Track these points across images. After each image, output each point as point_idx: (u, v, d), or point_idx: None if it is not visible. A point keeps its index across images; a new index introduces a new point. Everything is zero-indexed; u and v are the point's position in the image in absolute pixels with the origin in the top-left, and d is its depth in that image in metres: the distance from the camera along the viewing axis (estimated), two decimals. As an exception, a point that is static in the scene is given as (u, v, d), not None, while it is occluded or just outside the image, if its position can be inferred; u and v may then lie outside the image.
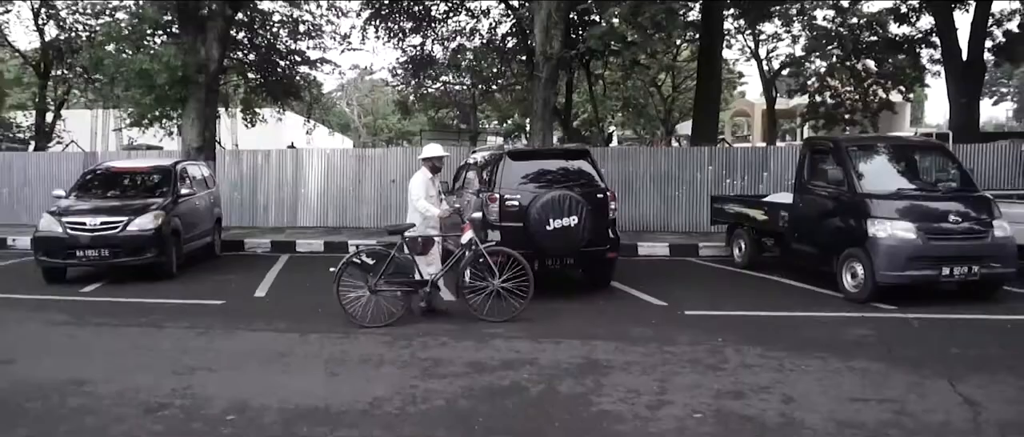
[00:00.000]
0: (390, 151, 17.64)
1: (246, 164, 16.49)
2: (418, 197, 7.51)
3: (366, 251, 7.28)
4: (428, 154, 7.75)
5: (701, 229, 14.75)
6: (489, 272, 7.26)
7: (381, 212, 16.08)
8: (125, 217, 9.69)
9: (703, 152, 15.37)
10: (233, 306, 8.25)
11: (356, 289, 7.13)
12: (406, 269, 7.23)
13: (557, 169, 8.92)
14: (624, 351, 6.24)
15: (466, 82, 26.09)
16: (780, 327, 7.22)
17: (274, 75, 18.30)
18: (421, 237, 7.49)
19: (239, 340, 6.71)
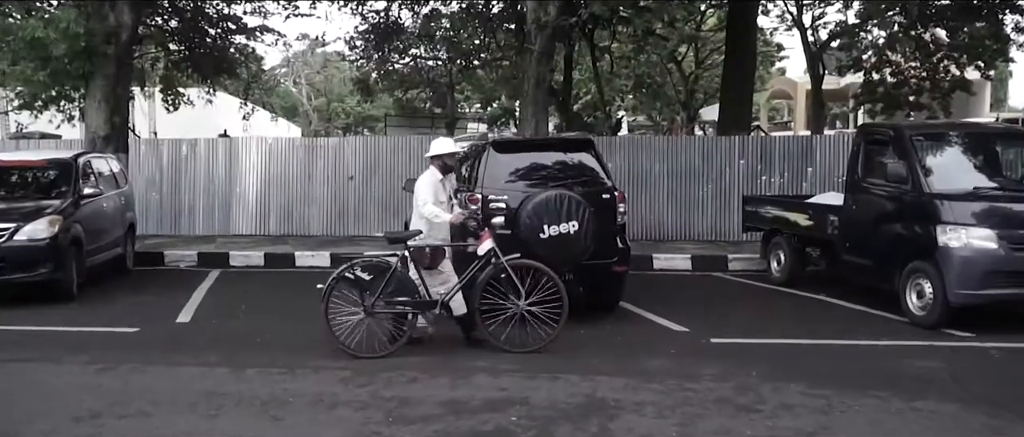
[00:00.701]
0: (347, 141, 17.62)
1: (167, 157, 16.41)
2: (425, 201, 7.49)
3: (361, 264, 7.29)
4: (437, 151, 7.72)
5: (730, 237, 14.80)
6: (513, 291, 7.26)
7: (336, 216, 16.05)
8: (12, 224, 9.60)
9: (733, 142, 15.45)
10: (150, 334, 8.17)
11: (349, 310, 7.15)
12: (410, 287, 7.26)
13: (553, 163, 8.93)
14: (636, 389, 6.23)
15: (441, 57, 26.07)
16: (828, 358, 7.23)
17: (202, 46, 18.20)
18: (429, 247, 7.47)
19: (157, 377, 6.64)
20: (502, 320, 7.28)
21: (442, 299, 7.33)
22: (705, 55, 32.17)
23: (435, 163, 7.73)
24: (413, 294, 7.26)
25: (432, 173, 7.71)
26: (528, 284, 7.28)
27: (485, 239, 7.37)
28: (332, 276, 7.24)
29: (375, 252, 8.04)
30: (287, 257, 13.22)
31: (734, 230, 14.56)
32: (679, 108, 34.56)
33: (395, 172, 15.92)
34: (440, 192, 7.68)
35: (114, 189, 12.04)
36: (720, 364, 6.91)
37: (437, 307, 7.31)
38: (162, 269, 12.87)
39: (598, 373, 6.63)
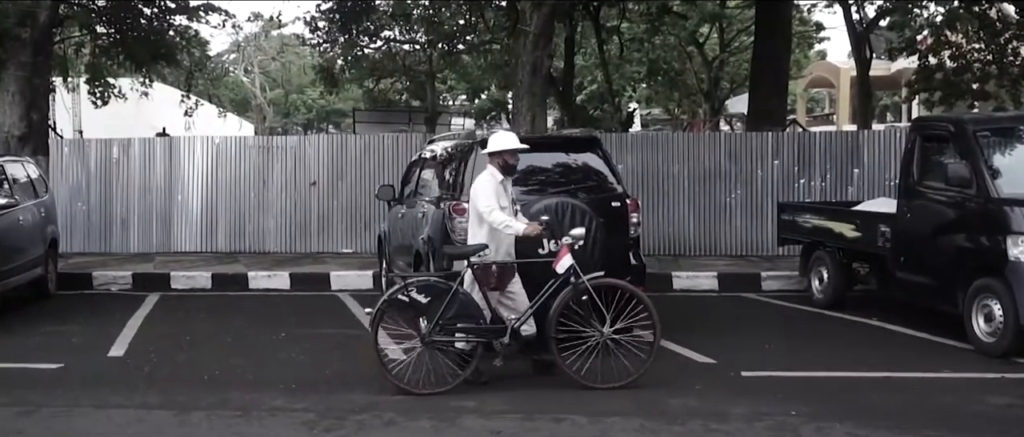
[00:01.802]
0: (309, 140, 17.65)
1: (95, 159, 16.40)
2: (490, 208, 7.42)
3: (417, 284, 7.29)
4: (498, 147, 7.65)
5: (763, 251, 14.85)
6: (595, 315, 7.28)
7: (296, 230, 16.05)
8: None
9: (765, 139, 15.52)
10: (76, 371, 8.13)
11: (403, 339, 7.18)
12: (473, 311, 7.29)
13: (553, 166, 8.96)
14: (654, 431, 6.23)
15: (419, 40, 26.16)
16: (880, 394, 7.24)
17: (136, 29, 18.23)
18: (496, 265, 7.47)
19: (86, 422, 6.62)
20: (582, 350, 7.26)
21: (511, 325, 7.33)
22: (731, 36, 32.30)
23: (494, 161, 7.65)
24: (478, 319, 7.29)
25: (491, 174, 7.63)
26: (612, 307, 7.27)
27: (563, 255, 7.31)
28: (382, 298, 7.24)
29: (419, 275, 7.85)
30: (239, 278, 13.22)
31: (768, 243, 14.60)
32: (701, 99, 34.68)
33: (365, 176, 15.95)
34: (502, 196, 7.60)
35: (31, 199, 12.02)
36: (753, 401, 6.91)
37: (506, 334, 7.32)
38: (90, 293, 12.84)
39: (609, 413, 6.62)
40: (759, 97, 18.31)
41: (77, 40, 19.57)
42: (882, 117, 43.73)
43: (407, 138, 17.03)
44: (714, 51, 32.93)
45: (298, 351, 8.87)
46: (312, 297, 12.35)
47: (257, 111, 52.48)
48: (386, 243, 11.56)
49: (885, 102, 45.00)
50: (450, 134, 12.56)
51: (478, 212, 7.56)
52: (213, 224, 16.24)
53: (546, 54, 14.06)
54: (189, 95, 22.22)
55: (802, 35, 32.53)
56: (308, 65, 38.37)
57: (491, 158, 7.69)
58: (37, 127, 14.35)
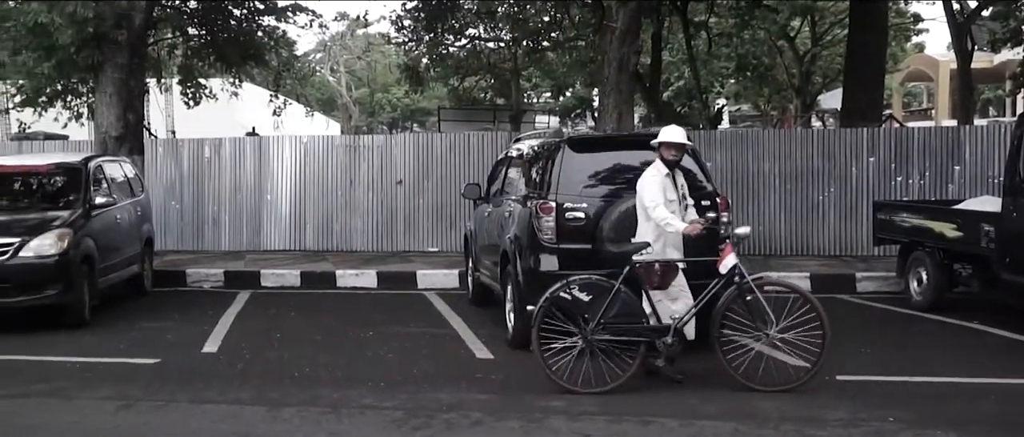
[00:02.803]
0: (395, 139, 17.87)
1: (188, 159, 16.87)
2: (655, 203, 7.49)
3: (579, 283, 7.34)
4: (666, 138, 7.69)
5: (858, 251, 14.58)
6: (760, 317, 7.23)
7: (382, 228, 16.27)
8: (16, 238, 9.97)
9: (860, 136, 15.24)
10: (172, 366, 8.39)
11: (564, 337, 7.23)
12: (636, 310, 7.34)
13: (641, 164, 8.83)
14: (746, 435, 6.18)
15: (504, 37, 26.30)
16: (985, 401, 7.07)
17: (226, 30, 18.70)
18: (660, 263, 7.50)
19: (181, 417, 6.83)
20: (744, 352, 7.25)
21: (675, 324, 7.34)
22: (824, 30, 31.75)
23: (665, 154, 7.67)
24: (641, 318, 7.32)
25: (657, 168, 7.67)
26: (777, 308, 7.22)
27: (727, 254, 7.30)
28: (544, 297, 7.30)
29: (581, 273, 7.75)
30: (327, 276, 13.46)
31: (863, 243, 14.35)
32: (792, 95, 34.14)
33: (451, 175, 16.10)
34: (669, 190, 7.62)
35: (129, 198, 12.42)
36: (849, 406, 6.80)
37: (669, 334, 7.32)
38: (184, 290, 13.22)
39: (699, 416, 6.60)
40: (853, 92, 17.98)
41: (170, 42, 20.12)
42: (984, 112, 42.48)
43: (492, 136, 17.12)
44: (806, 45, 32.41)
45: (386, 349, 9.00)
46: (399, 295, 12.51)
47: (343, 110, 53.37)
48: (472, 242, 11.64)
49: (987, 96, 43.68)
50: (537, 132, 12.60)
51: (644, 206, 7.59)
52: (301, 223, 16.56)
53: (633, 50, 14.01)
54: (277, 95, 22.69)
55: (899, 27, 31.80)
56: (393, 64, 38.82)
57: (660, 150, 7.69)
58: (133, 128, 14.81)
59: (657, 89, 25.01)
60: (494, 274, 9.98)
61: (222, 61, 19.19)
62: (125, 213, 12.06)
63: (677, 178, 7.80)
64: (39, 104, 17.90)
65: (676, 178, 7.77)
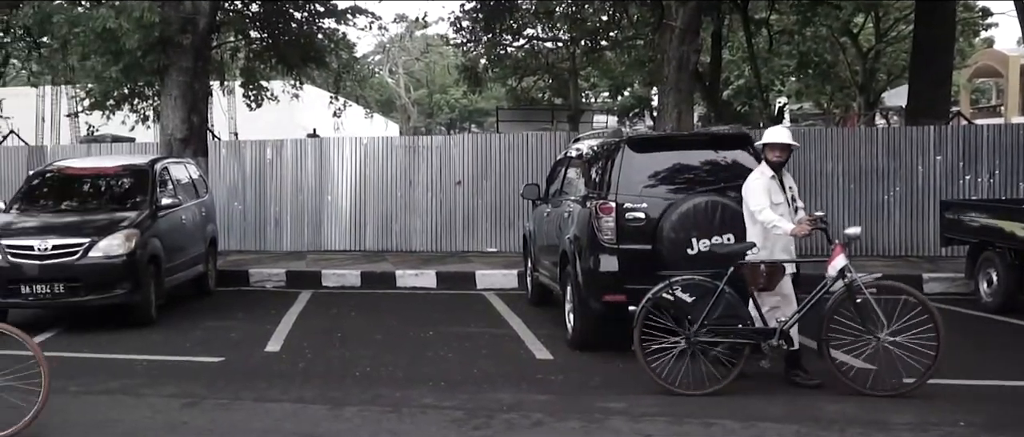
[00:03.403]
0: (454, 140, 17.96)
1: (250, 160, 17.12)
2: (761, 206, 7.46)
3: (682, 283, 7.34)
4: (771, 139, 7.68)
5: (925, 251, 14.32)
6: (871, 319, 7.11)
7: (442, 228, 16.36)
8: (86, 239, 10.22)
9: (926, 134, 14.97)
10: (236, 365, 8.56)
11: (667, 338, 7.24)
12: (741, 311, 7.31)
13: (702, 164, 8.88)
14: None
15: (562, 37, 26.28)
16: (1058, 405, 6.91)
17: (287, 32, 18.95)
18: (765, 264, 7.45)
19: (246, 415, 6.96)
20: (855, 355, 7.15)
21: (781, 327, 7.27)
22: (888, 25, 31.20)
23: (770, 156, 7.62)
24: (745, 320, 7.29)
25: (761, 171, 7.65)
26: (888, 310, 7.11)
27: (836, 255, 7.23)
28: (646, 297, 7.31)
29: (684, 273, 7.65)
30: (387, 277, 13.58)
31: (930, 243, 14.13)
32: (855, 92, 33.61)
33: (510, 175, 16.13)
34: (775, 193, 7.58)
35: (193, 199, 12.66)
36: (916, 410, 6.70)
37: (775, 337, 7.24)
38: (247, 290, 13.43)
39: (762, 418, 6.55)
40: (919, 89, 17.67)
41: (232, 45, 20.45)
42: (1056, 108, 41.38)
43: (551, 136, 17.13)
44: (869, 41, 31.89)
45: (446, 349, 9.06)
46: (458, 296, 12.57)
47: (402, 111, 53.78)
48: (531, 242, 11.66)
49: (1059, 92, 42.56)
50: (596, 132, 12.57)
51: (749, 210, 7.56)
52: (361, 223, 16.72)
53: (693, 49, 13.93)
54: (337, 96, 22.93)
55: (967, 22, 31.15)
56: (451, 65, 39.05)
57: (765, 151, 7.64)
58: (197, 130, 15.08)
59: (717, 88, 24.80)
60: (553, 274, 9.99)
61: (283, 63, 19.46)
62: (190, 214, 12.29)
63: (785, 180, 7.69)
64: (107, 107, 18.30)
65: (783, 180, 7.66)
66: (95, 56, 14.69)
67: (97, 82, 16.35)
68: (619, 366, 8.13)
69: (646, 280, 8.17)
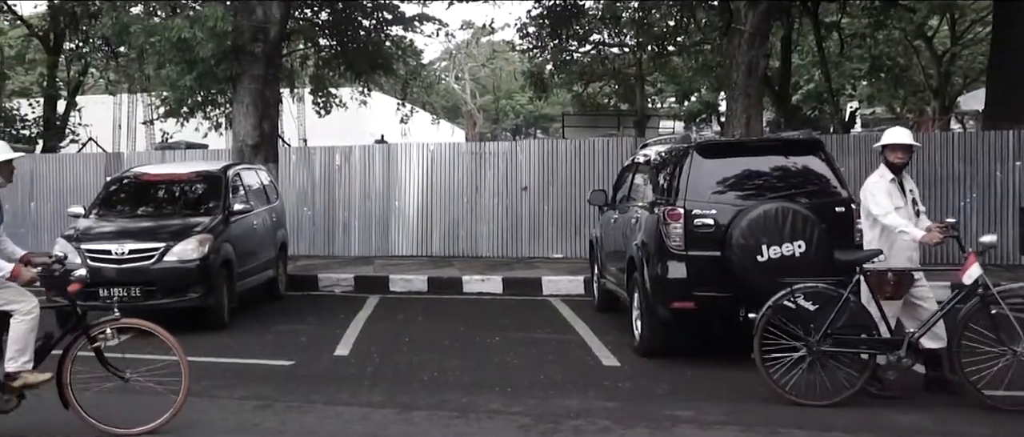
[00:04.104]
0: (520, 145, 18.03)
1: (319, 166, 17.38)
2: (885, 209, 7.34)
3: (804, 291, 7.27)
4: (891, 140, 7.52)
5: (1004, 260, 14.01)
6: (1007, 332, 6.81)
7: (508, 234, 16.42)
8: (161, 243, 10.47)
9: (1005, 139, 14.65)
10: (306, 369, 8.69)
11: (788, 346, 7.15)
12: (866, 320, 7.15)
13: (772, 169, 8.80)
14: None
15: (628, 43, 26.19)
16: None
17: (355, 40, 19.21)
18: (892, 272, 7.27)
19: (317, 418, 7.05)
20: (988, 369, 6.87)
21: (909, 338, 7.10)
22: (965, 28, 30.47)
23: (891, 157, 7.46)
24: (871, 330, 7.11)
25: (882, 173, 7.52)
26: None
27: (970, 264, 7.04)
28: (767, 305, 7.20)
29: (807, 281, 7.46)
30: (453, 282, 13.68)
31: (1009, 251, 13.87)
32: (929, 96, 32.89)
33: (576, 181, 16.14)
34: (896, 196, 7.45)
35: (264, 204, 12.89)
36: (997, 424, 6.55)
37: (903, 347, 7.05)
38: (316, 294, 13.62)
39: (831, 428, 6.47)
40: (997, 92, 17.23)
41: (302, 53, 20.81)
42: None
43: (617, 142, 17.09)
44: (944, 44, 31.18)
45: (513, 355, 9.10)
46: (524, 301, 12.60)
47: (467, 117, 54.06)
48: (598, 248, 11.65)
49: None
50: (663, 137, 12.53)
51: (871, 215, 7.46)
52: (428, 228, 16.86)
53: (762, 54, 13.81)
54: (404, 103, 23.18)
55: (1047, 23, 30.25)
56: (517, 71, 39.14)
57: (884, 153, 7.51)
58: (268, 136, 15.35)
59: (787, 93, 24.50)
60: (620, 281, 9.97)
61: (352, 70, 19.76)
62: (261, 219, 12.51)
63: (905, 183, 7.54)
64: (181, 115, 18.75)
65: (903, 183, 7.51)
66: (170, 65, 15.02)
67: (172, 90, 16.72)
68: (687, 374, 8.09)
69: (715, 287, 8.16)
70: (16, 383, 6.21)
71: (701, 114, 39.17)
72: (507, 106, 56.52)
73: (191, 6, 15.70)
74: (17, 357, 6.18)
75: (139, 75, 22.79)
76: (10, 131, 25.64)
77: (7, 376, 6.21)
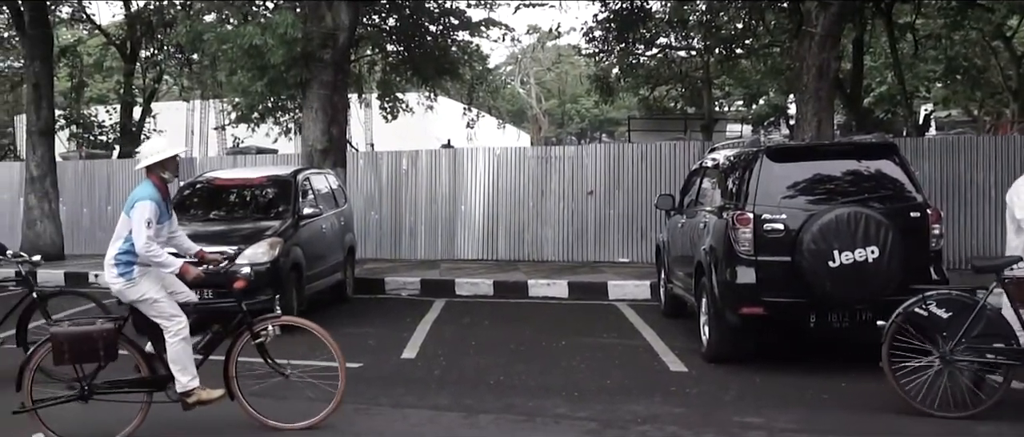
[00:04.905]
0: (586, 150, 18.01)
1: (386, 171, 17.56)
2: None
3: (937, 298, 7.07)
4: None
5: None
6: None
7: (573, 238, 16.41)
8: (233, 246, 10.60)
9: (1089, 142, 14.21)
10: (375, 371, 8.77)
11: (919, 355, 6.93)
12: (1004, 330, 6.87)
13: (844, 174, 8.68)
14: (961, 461, 5.90)
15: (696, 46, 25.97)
16: None
17: (422, 46, 19.36)
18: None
19: (385, 421, 7.11)
20: None
21: None
22: (1046, 28, 29.69)
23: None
24: (1008, 339, 6.83)
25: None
26: None
27: None
28: (896, 312, 7.06)
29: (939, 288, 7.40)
30: (519, 286, 13.71)
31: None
32: (1008, 98, 32.08)
33: (642, 185, 16.08)
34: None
35: (333, 208, 13.04)
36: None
37: None
38: (383, 297, 13.76)
39: (905, 434, 6.39)
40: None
41: (370, 58, 21.03)
42: None
43: (684, 146, 16.99)
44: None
45: (579, 359, 9.07)
46: (590, 306, 12.58)
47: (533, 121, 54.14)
48: (665, 253, 11.58)
49: None
50: (732, 141, 12.41)
51: (1016, 219, 7.33)
52: (494, 232, 16.93)
53: (833, 56, 13.58)
54: (470, 107, 23.30)
55: None
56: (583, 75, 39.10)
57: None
58: (337, 141, 15.55)
59: (858, 95, 24.08)
60: (687, 286, 9.90)
61: (418, 76, 19.93)
62: (330, 223, 12.66)
63: None
64: (252, 120, 19.08)
65: None
66: (242, 71, 15.30)
67: (243, 96, 17.07)
68: (756, 380, 8.00)
69: (784, 293, 8.06)
70: (191, 400, 6.47)
71: (769, 117, 38.74)
72: (572, 110, 56.50)
73: (263, 13, 15.97)
74: (181, 376, 6.42)
75: (212, 81, 23.34)
76: (88, 137, 26.42)
77: (181, 395, 6.46)
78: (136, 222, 6.40)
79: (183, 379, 6.41)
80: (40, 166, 17.47)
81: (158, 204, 6.57)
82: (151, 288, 6.47)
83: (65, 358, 6.30)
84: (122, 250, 6.51)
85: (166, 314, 6.44)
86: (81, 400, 6.47)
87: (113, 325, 6.42)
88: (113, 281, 6.50)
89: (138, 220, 6.40)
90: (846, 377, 7.92)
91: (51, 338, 6.30)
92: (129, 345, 6.55)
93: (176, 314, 6.48)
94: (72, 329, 6.39)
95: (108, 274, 6.55)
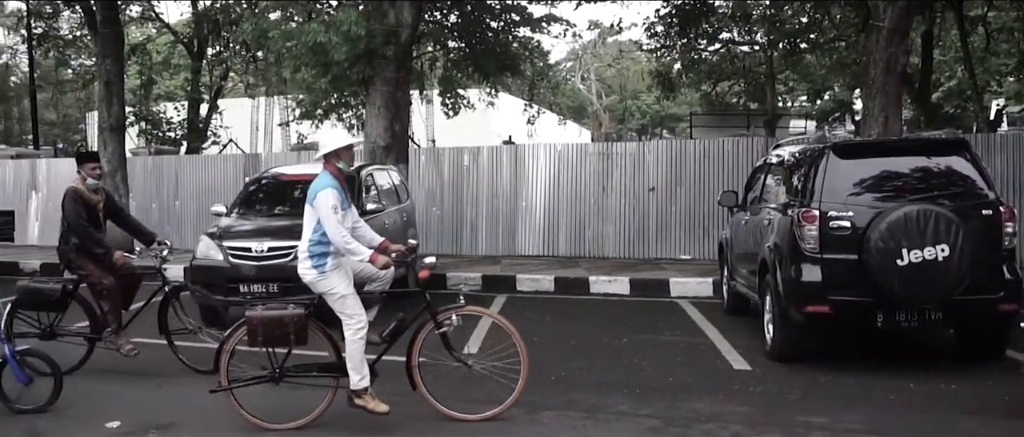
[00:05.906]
0: (648, 146, 17.91)
1: (448, 167, 17.65)
2: None
3: None
4: None
5: None
6: None
7: (634, 235, 16.34)
8: (298, 241, 10.75)
9: None
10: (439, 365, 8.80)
11: None
12: None
13: (913, 170, 8.53)
14: (1034, 464, 5.78)
15: (759, 40, 25.71)
16: None
17: (483, 42, 19.41)
18: None
19: (444, 415, 7.16)
20: None
21: None
22: (1123, 20, 28.81)
23: None
24: None
25: None
26: None
27: None
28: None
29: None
30: (580, 282, 13.68)
31: None
32: (1084, 93, 31.26)
33: (704, 182, 15.95)
34: None
35: (396, 204, 13.15)
36: None
37: None
38: (445, 293, 13.79)
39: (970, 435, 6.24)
40: None
41: (431, 55, 21.15)
42: None
43: (747, 142, 16.82)
44: (1101, 38, 29.53)
45: (640, 356, 9.05)
46: (652, 303, 12.53)
47: (594, 117, 53.99)
48: (728, 250, 11.48)
49: None
50: (796, 137, 12.26)
51: None
52: (554, 229, 16.93)
53: (902, 50, 13.35)
54: (531, 104, 23.31)
55: None
56: (644, 70, 38.89)
57: None
58: (399, 137, 15.66)
59: (927, 90, 23.64)
60: (751, 283, 9.81)
61: (479, 72, 19.97)
62: (392, 218, 12.77)
63: None
64: (316, 117, 19.30)
65: None
66: (306, 68, 15.47)
67: (307, 93, 17.26)
68: (821, 379, 7.90)
69: (851, 291, 7.95)
70: (358, 402, 6.71)
71: (834, 113, 38.14)
72: (633, 106, 56.24)
73: (326, 11, 16.14)
74: (353, 374, 6.65)
75: (276, 78, 23.66)
76: (157, 133, 26.96)
77: (353, 392, 6.68)
78: (323, 211, 6.59)
79: (355, 378, 6.63)
80: (111, 162, 17.85)
81: (338, 191, 6.70)
82: (339, 283, 6.66)
83: (259, 341, 6.57)
84: (313, 241, 6.73)
85: (349, 311, 6.63)
86: (272, 382, 6.76)
87: (303, 310, 6.64)
88: (305, 272, 6.71)
89: (325, 208, 6.58)
90: (914, 378, 7.79)
91: (247, 321, 6.56)
92: (319, 331, 6.76)
93: (358, 313, 6.66)
94: (266, 313, 6.62)
95: (301, 265, 6.76)
